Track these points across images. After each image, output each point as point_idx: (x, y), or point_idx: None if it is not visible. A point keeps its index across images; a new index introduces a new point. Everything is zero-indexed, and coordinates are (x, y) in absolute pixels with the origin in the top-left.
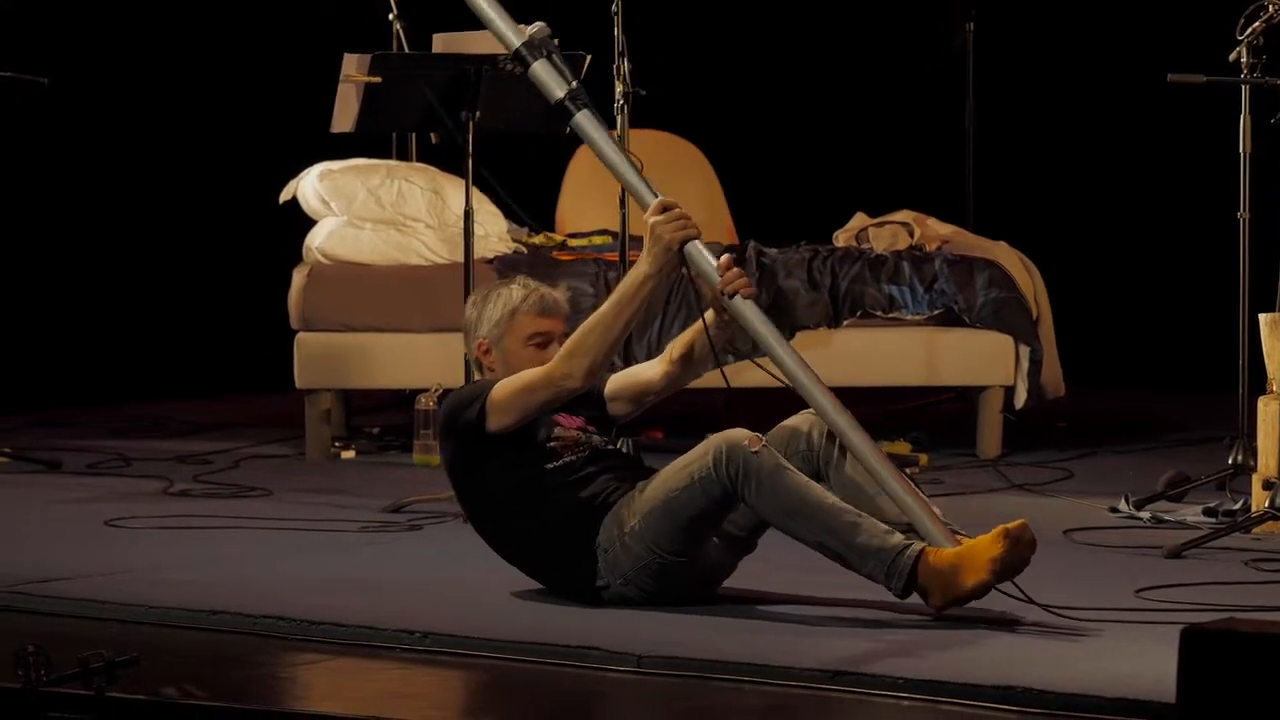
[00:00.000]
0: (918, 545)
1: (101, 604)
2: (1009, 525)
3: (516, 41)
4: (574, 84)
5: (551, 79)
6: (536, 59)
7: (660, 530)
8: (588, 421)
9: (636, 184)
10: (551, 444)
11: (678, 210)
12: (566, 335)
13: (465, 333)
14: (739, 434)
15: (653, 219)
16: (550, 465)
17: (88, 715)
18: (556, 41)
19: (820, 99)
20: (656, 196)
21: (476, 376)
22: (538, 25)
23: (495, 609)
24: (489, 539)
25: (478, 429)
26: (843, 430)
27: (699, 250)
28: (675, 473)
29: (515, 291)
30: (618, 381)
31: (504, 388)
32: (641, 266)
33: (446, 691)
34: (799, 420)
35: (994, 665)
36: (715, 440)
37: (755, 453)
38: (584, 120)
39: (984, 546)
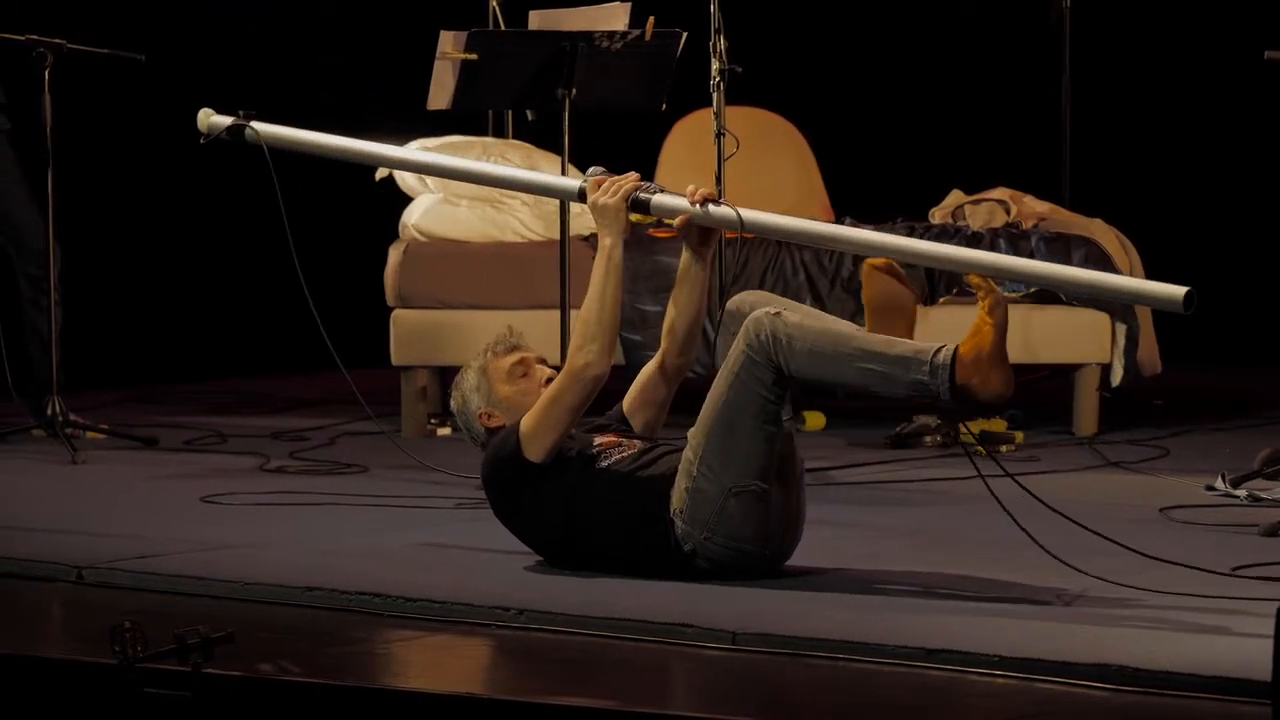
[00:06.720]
0: (950, 345)
1: (197, 580)
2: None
3: (577, 184)
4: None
5: None
6: None
7: (727, 454)
8: (623, 435)
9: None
10: (595, 449)
11: (603, 179)
12: (540, 359)
13: (467, 431)
14: (758, 310)
15: (590, 201)
16: (603, 464)
17: (184, 691)
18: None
19: (916, 75)
20: (581, 183)
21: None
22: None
23: (591, 586)
24: (567, 563)
25: (517, 460)
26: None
27: (654, 195)
28: (718, 385)
29: (473, 362)
30: (628, 397)
31: (531, 414)
32: (604, 240)
33: (542, 668)
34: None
35: (1088, 643)
36: (744, 325)
37: (777, 314)
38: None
39: (978, 314)
